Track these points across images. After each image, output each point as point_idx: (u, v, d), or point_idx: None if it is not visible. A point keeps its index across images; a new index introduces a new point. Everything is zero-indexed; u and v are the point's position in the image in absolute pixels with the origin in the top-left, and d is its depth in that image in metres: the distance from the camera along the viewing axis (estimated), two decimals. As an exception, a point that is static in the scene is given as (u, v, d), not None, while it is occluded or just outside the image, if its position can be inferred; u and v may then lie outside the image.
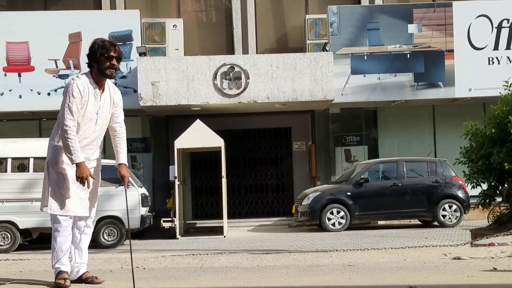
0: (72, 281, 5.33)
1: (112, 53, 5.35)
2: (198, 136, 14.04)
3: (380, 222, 15.39)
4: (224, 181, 14.57)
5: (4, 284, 5.61)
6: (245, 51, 17.17)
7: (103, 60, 5.29)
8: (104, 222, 12.52)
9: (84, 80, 5.30)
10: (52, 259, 5.30)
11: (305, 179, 17.50)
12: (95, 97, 5.28)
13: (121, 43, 15.52)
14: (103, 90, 5.36)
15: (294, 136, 18.12)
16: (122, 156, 5.45)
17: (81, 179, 5.06)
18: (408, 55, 16.05)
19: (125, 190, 5.71)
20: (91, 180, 5.18)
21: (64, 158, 5.19)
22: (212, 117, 15.90)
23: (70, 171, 5.17)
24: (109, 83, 5.50)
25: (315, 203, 14.25)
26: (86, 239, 5.48)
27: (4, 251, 11.86)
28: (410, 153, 16.41)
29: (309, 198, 14.41)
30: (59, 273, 5.23)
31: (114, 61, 5.34)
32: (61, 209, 5.22)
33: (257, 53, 17.06)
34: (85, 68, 16.72)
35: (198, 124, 14.14)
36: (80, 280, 5.36)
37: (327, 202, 14.24)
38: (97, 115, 5.28)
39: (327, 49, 15.76)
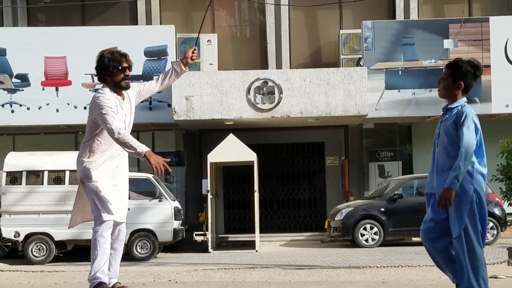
0: None
1: (124, 64, 5.30)
2: (231, 150, 14.08)
3: (414, 239, 15.15)
4: (256, 195, 14.57)
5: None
6: (279, 65, 17.21)
7: (116, 72, 5.24)
8: (137, 235, 12.62)
9: (108, 92, 5.25)
10: (91, 270, 5.22)
11: (338, 194, 17.38)
12: (121, 107, 5.29)
13: (156, 58, 15.73)
14: (123, 97, 5.36)
15: (327, 151, 18.04)
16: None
17: (157, 165, 4.86)
18: (444, 70, 15.88)
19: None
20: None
21: (95, 171, 5.23)
22: (245, 131, 15.93)
23: (105, 180, 5.22)
24: None
25: (348, 218, 14.14)
26: (121, 246, 5.46)
27: (39, 262, 12.03)
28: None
29: (342, 213, 14.31)
30: (99, 284, 5.19)
31: (128, 72, 5.32)
32: (104, 215, 5.21)
33: (290, 68, 17.09)
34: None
35: (231, 138, 14.19)
36: None
37: (360, 218, 14.12)
38: (125, 123, 5.32)
39: (361, 64, 15.70)
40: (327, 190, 17.92)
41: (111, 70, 5.23)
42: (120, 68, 5.24)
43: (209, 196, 14.21)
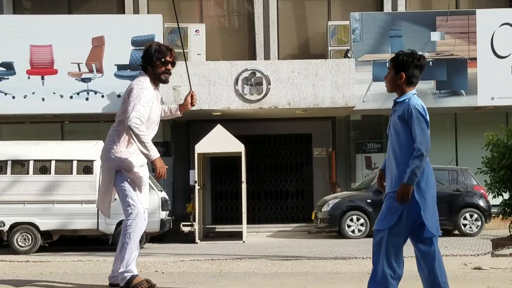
0: (112, 284, 5.35)
1: (168, 58, 5.35)
2: (219, 141, 14.07)
3: (400, 230, 15.25)
4: (244, 186, 14.58)
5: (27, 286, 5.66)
6: (267, 57, 17.19)
7: (158, 64, 5.29)
8: (124, 225, 12.57)
9: (148, 82, 5.27)
10: (123, 263, 5.17)
11: (325, 185, 17.44)
12: (157, 99, 5.33)
13: (144, 48, 15.62)
14: (159, 91, 5.45)
15: (314, 143, 18.08)
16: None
17: (161, 170, 5.10)
18: (431, 62, 15.93)
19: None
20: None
21: (134, 160, 5.25)
22: (233, 122, 15.92)
23: (139, 170, 5.29)
24: None
25: (335, 209, 14.20)
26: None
27: (25, 252, 11.98)
28: (431, 161, 16.12)
29: (329, 204, 14.36)
30: (132, 278, 5.14)
31: (170, 66, 5.35)
32: (139, 207, 5.22)
33: (278, 59, 17.07)
34: (107, 71, 16.86)
35: (219, 129, 14.17)
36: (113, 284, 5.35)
37: (347, 209, 14.18)
38: (158, 117, 5.37)
39: (349, 55, 15.72)
40: (314, 182, 17.97)
41: (154, 61, 5.28)
42: (163, 60, 5.29)
43: (197, 187, 14.20)
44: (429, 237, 4.57)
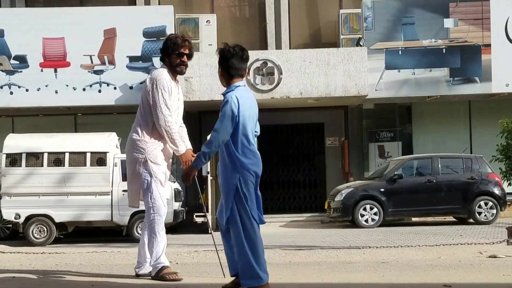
0: (139, 275, 5.49)
1: (182, 50, 5.45)
2: (231, 132, 14.05)
3: (414, 219, 15.22)
4: (256, 176, 14.55)
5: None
6: (278, 46, 17.13)
7: (174, 57, 5.40)
8: (138, 216, 12.62)
9: (166, 73, 5.39)
10: (153, 256, 5.34)
11: (338, 175, 17.41)
12: (175, 90, 5.43)
13: (155, 39, 15.63)
14: (177, 82, 5.51)
15: (327, 132, 18.03)
16: (189, 143, 5.71)
17: (188, 164, 5.28)
18: (444, 49, 15.81)
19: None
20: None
21: (160, 153, 5.39)
22: (245, 112, 15.88)
23: (164, 165, 5.43)
24: None
25: (348, 199, 14.17)
26: None
27: (40, 244, 12.07)
28: (445, 149, 16.19)
29: (342, 194, 14.33)
30: (163, 268, 5.29)
31: (185, 58, 5.44)
32: (163, 202, 5.35)
33: (290, 48, 17.00)
34: (119, 63, 16.88)
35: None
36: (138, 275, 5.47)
37: (360, 198, 14.14)
38: (178, 108, 5.44)
39: (361, 44, 15.63)
40: (327, 171, 17.94)
41: (170, 52, 5.40)
42: (178, 52, 5.40)
43: (209, 178, 14.21)
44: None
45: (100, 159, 12.59)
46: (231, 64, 4.82)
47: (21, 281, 5.60)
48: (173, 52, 5.38)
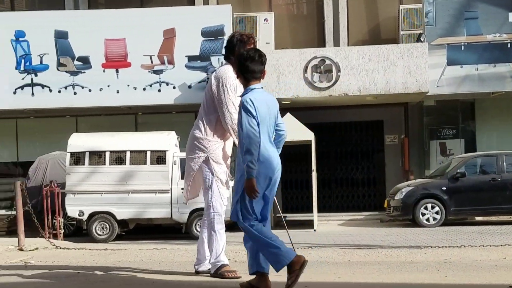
0: (198, 272, 5.53)
1: (248, 48, 5.42)
2: (288, 130, 13.90)
3: (478, 218, 14.81)
4: (314, 174, 14.50)
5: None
6: (336, 43, 16.98)
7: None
8: (197, 214, 12.74)
9: (231, 71, 5.39)
10: (213, 254, 5.42)
11: (398, 173, 17.12)
12: (239, 88, 5.41)
13: (213, 38, 15.76)
14: None
15: (386, 129, 17.76)
16: None
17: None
18: (509, 44, 15.32)
19: None
20: None
21: (221, 152, 5.44)
22: (302, 110, 15.84)
23: (225, 165, 5.50)
24: None
25: (408, 197, 13.93)
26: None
27: (103, 240, 12.36)
28: (510, 146, 15.69)
29: (402, 192, 14.10)
30: (222, 266, 5.35)
31: None
32: (223, 201, 5.39)
33: (348, 45, 16.83)
34: (178, 63, 17.05)
35: (288, 118, 14.11)
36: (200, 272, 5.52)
37: (421, 197, 13.87)
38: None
39: (422, 39, 15.34)
40: (386, 169, 17.68)
41: (236, 50, 5.38)
42: (243, 50, 5.33)
43: (267, 176, 14.22)
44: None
45: (160, 158, 12.78)
46: (246, 68, 4.83)
47: (85, 277, 5.73)
48: (239, 50, 5.37)
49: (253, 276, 4.80)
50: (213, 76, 5.42)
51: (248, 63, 4.81)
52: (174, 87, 15.80)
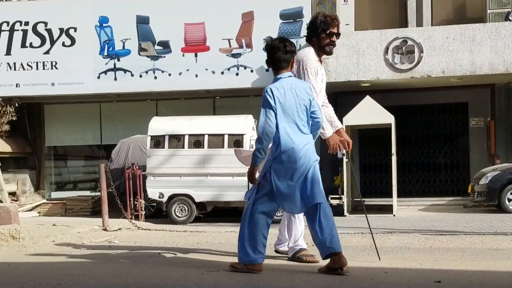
0: (278, 251, 5.57)
1: (333, 29, 5.33)
2: (368, 113, 13.75)
3: None
4: (394, 158, 14.18)
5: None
6: (419, 23, 16.46)
7: (323, 36, 5.29)
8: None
9: (312, 53, 5.31)
10: (292, 238, 5.42)
11: (483, 157, 16.49)
12: (320, 70, 5.35)
13: (291, 21, 15.62)
14: (321, 62, 5.44)
15: (471, 112, 17.12)
16: (338, 122, 5.56)
17: (335, 147, 5.28)
18: None
19: (348, 156, 5.84)
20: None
21: None
22: (382, 93, 15.50)
23: None
24: None
25: (494, 182, 13.39)
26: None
27: (181, 222, 12.58)
28: None
29: (487, 177, 13.57)
30: (302, 250, 5.38)
31: (334, 38, 5.32)
32: None
33: (432, 25, 16.27)
34: (256, 46, 17.00)
35: (367, 101, 13.85)
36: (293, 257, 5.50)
37: (507, 182, 13.30)
38: (321, 90, 5.38)
39: (510, 18, 14.61)
40: (471, 153, 17.07)
41: (319, 32, 5.30)
42: (328, 32, 5.29)
43: (345, 160, 14.04)
44: None
45: (237, 141, 12.84)
46: (271, 57, 4.85)
47: (165, 257, 5.82)
48: (323, 31, 5.26)
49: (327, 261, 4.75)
50: (294, 59, 5.33)
51: (273, 52, 4.82)
52: (251, 71, 15.81)
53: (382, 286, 4.20)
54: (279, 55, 4.79)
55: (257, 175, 4.83)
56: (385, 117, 13.79)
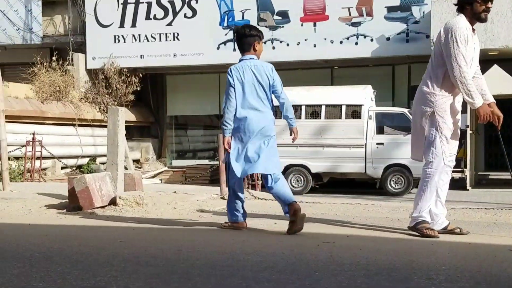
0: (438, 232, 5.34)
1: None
2: (495, 83, 12.95)
3: None
4: (523, 131, 13.38)
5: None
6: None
7: (479, 3, 5.15)
8: (391, 170, 12.49)
9: (463, 21, 5.18)
10: (417, 208, 5.27)
11: None
12: (471, 39, 5.19)
13: (414, -13, 15.02)
14: (474, 31, 5.28)
15: None
16: (490, 95, 5.36)
17: (485, 117, 5.16)
18: None
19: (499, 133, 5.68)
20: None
21: (451, 108, 5.21)
22: (511, 62, 14.60)
23: (454, 120, 5.26)
24: None
25: None
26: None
27: (297, 193, 12.64)
28: None
29: None
30: (422, 222, 5.25)
31: (490, 4, 5.14)
32: (444, 159, 5.21)
33: None
34: (377, 15, 16.57)
35: (495, 70, 13.11)
36: (445, 231, 5.36)
37: None
38: (472, 60, 5.19)
39: None
40: None
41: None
42: None
43: (468, 132, 13.44)
44: None
45: (355, 112, 12.65)
46: (237, 42, 5.61)
47: (281, 227, 5.87)
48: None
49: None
50: (443, 28, 5.16)
51: (238, 37, 5.57)
52: (371, 40, 15.43)
53: (505, 264, 3.98)
54: (243, 39, 5.48)
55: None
56: (513, 87, 13.02)
